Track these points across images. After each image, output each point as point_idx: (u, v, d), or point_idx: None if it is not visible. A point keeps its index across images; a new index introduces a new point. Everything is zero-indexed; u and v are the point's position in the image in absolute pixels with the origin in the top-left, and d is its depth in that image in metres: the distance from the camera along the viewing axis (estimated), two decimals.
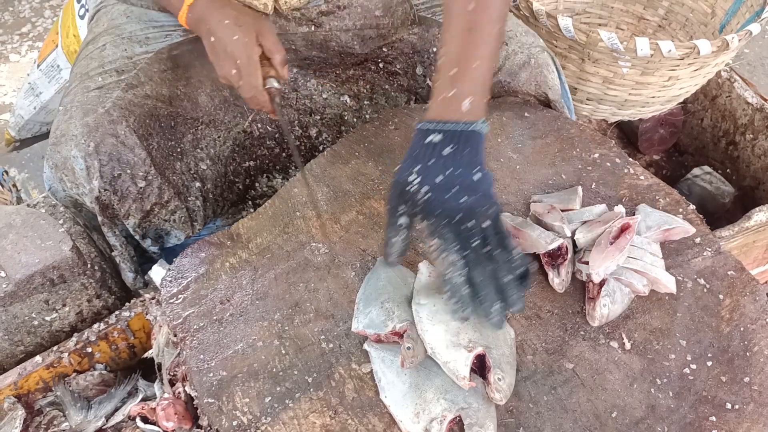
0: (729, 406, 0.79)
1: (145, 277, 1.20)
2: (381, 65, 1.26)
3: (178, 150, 1.14)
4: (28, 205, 1.11)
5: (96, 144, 1.01)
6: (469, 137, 0.78)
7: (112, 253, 1.12)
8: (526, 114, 1.16)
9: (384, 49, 1.24)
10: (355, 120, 1.33)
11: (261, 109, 1.03)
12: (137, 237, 1.10)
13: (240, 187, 1.29)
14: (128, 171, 1.04)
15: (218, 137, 1.21)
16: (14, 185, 1.57)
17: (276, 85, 1.00)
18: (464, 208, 0.75)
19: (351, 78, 1.28)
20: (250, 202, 1.33)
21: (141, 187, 1.06)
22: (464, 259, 0.75)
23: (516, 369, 0.80)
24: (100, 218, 1.06)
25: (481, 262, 0.75)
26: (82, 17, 1.85)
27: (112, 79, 1.07)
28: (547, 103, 1.22)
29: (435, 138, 0.78)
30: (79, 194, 1.05)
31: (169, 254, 1.21)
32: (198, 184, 1.17)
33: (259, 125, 1.27)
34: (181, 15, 1.01)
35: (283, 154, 1.33)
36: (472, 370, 0.75)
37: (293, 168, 1.35)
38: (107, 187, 1.03)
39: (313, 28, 1.18)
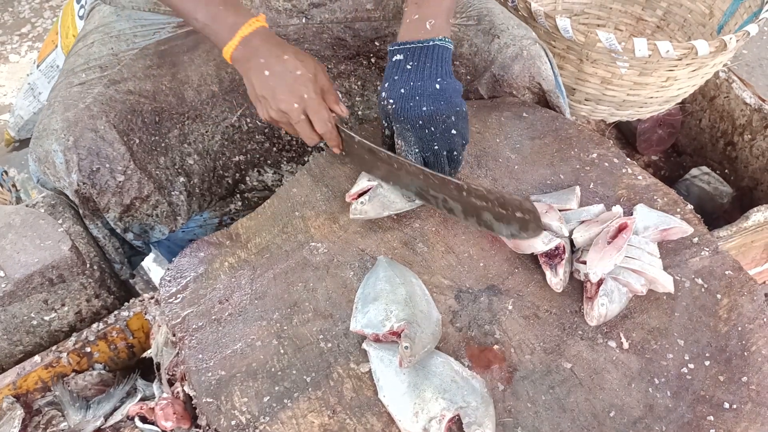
0: (727, 405, 0.79)
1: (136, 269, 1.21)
2: (373, 60, 1.27)
3: (163, 145, 1.14)
4: (27, 205, 1.11)
5: (75, 138, 1.02)
6: (429, 52, 0.91)
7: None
8: (524, 114, 1.16)
9: (376, 44, 1.24)
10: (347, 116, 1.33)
11: (327, 142, 1.00)
12: (119, 230, 1.11)
13: (229, 181, 1.30)
14: (107, 165, 1.05)
15: (206, 132, 1.21)
16: (14, 185, 1.57)
17: (338, 116, 0.99)
18: (425, 115, 0.90)
19: (343, 73, 1.29)
20: (238, 196, 1.33)
21: (120, 182, 1.07)
22: (422, 162, 0.93)
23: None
24: (81, 211, 1.08)
25: (439, 162, 0.94)
26: (81, 18, 1.85)
27: (95, 75, 1.09)
28: (542, 95, 1.22)
29: (398, 56, 0.93)
30: (61, 187, 1.07)
31: (167, 251, 1.21)
32: (183, 179, 1.18)
33: (248, 119, 1.27)
34: (228, 47, 0.96)
35: (274, 149, 1.33)
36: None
37: (285, 162, 1.34)
38: (86, 180, 1.04)
39: (304, 20, 1.18)
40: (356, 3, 1.20)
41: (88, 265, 1.07)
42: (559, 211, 0.95)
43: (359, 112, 1.33)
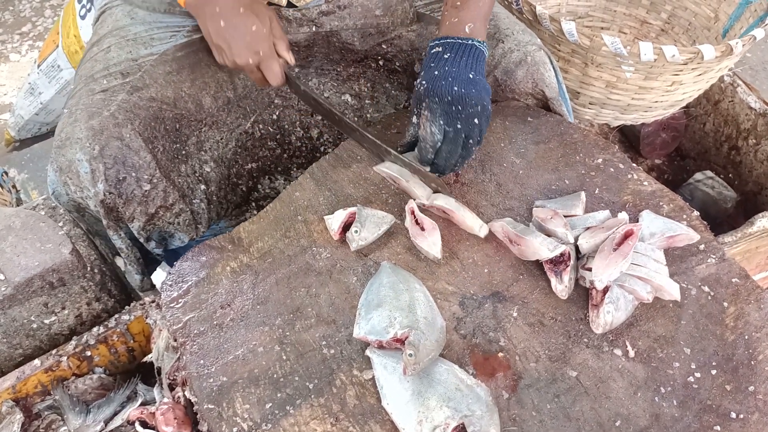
0: (734, 415, 0.78)
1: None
2: (381, 63, 1.26)
3: (183, 152, 1.13)
4: (27, 208, 1.10)
5: (101, 147, 1.00)
6: (466, 48, 0.97)
7: (119, 256, 1.11)
8: (529, 119, 1.15)
9: (383, 46, 1.24)
10: (356, 119, 1.33)
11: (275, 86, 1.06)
12: (141, 239, 1.10)
13: (243, 189, 1.29)
14: (133, 174, 1.04)
15: (221, 139, 1.21)
16: (14, 186, 1.57)
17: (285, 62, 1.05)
18: (455, 94, 0.94)
19: (352, 76, 1.28)
20: (253, 204, 1.33)
21: (146, 190, 1.05)
22: (442, 134, 0.96)
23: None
24: (105, 221, 1.05)
25: (456, 143, 0.96)
26: (83, 17, 1.85)
27: (117, 81, 1.07)
28: (544, 101, 1.21)
29: (437, 49, 0.99)
30: (83, 197, 1.05)
31: (173, 256, 1.20)
32: (203, 187, 1.17)
33: (260, 126, 1.27)
34: None
35: (285, 156, 1.33)
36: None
37: (295, 169, 1.35)
38: (112, 190, 1.03)
39: (314, 28, 1.18)
40: (365, 10, 1.19)
41: (88, 268, 1.06)
42: (565, 217, 0.94)
43: (368, 115, 1.32)
